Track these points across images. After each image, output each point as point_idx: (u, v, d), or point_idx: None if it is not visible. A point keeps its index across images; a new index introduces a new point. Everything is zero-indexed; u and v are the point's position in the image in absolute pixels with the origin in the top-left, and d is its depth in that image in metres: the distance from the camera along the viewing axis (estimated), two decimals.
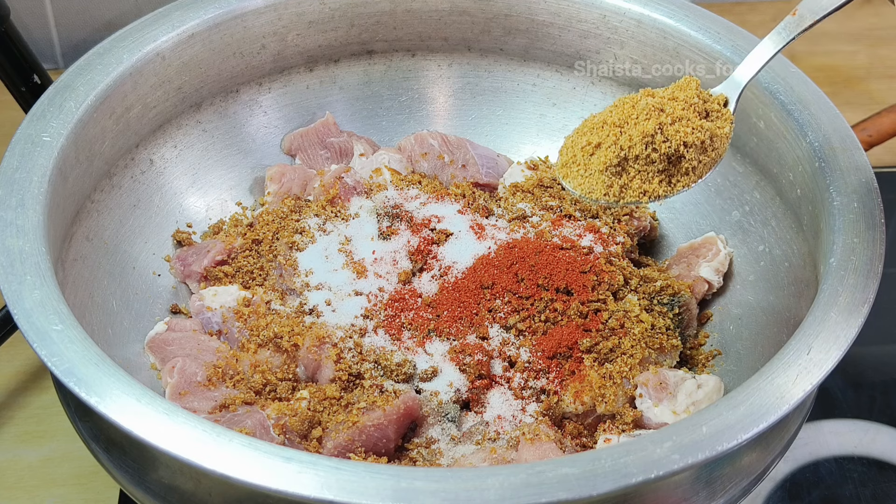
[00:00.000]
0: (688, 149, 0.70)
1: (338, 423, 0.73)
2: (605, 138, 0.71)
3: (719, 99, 0.72)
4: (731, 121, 0.72)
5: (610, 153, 0.70)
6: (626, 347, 0.79)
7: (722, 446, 0.60)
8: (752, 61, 0.73)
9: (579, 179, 0.72)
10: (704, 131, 0.70)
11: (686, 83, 0.73)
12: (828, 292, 0.69)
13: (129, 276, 0.84)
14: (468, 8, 0.97)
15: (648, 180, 0.70)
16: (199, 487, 0.65)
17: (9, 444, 0.87)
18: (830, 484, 0.87)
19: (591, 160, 0.71)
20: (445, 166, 0.96)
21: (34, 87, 0.96)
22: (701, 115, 0.71)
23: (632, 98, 0.73)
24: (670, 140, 0.69)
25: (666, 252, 0.93)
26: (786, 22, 0.71)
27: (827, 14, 0.70)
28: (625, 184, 0.70)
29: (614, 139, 0.70)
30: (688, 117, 0.70)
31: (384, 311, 0.83)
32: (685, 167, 0.70)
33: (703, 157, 0.70)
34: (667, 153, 0.69)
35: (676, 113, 0.70)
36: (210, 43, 0.90)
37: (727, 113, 0.72)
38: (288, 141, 0.97)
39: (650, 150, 0.70)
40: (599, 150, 0.71)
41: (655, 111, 0.70)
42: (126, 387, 0.61)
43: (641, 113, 0.71)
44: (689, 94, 0.72)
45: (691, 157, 0.70)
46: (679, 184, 0.70)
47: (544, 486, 0.57)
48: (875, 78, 1.27)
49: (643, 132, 0.69)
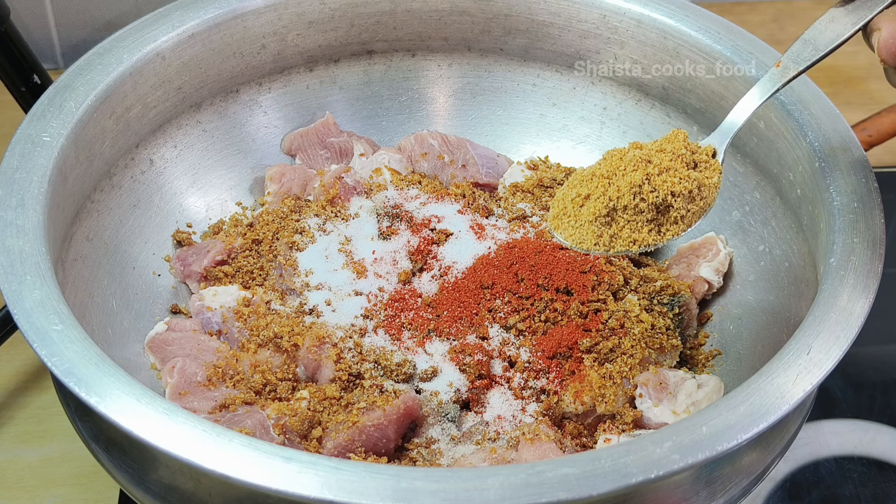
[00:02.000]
0: (675, 198, 0.71)
1: (338, 423, 0.73)
2: (594, 190, 0.72)
3: (707, 150, 0.74)
4: (719, 171, 0.73)
5: (599, 204, 0.72)
6: (626, 347, 0.79)
7: (722, 446, 0.60)
8: (738, 112, 0.75)
9: (570, 230, 0.73)
10: (692, 181, 0.71)
11: (674, 136, 0.74)
12: (828, 292, 0.69)
13: (129, 276, 0.84)
14: (468, 8, 0.97)
15: (638, 229, 0.71)
16: (199, 487, 0.65)
17: (9, 444, 0.87)
18: (830, 484, 0.87)
19: (580, 211, 0.73)
20: (445, 166, 0.96)
21: (34, 87, 0.96)
22: (689, 165, 0.73)
23: (620, 151, 0.74)
24: (658, 190, 0.70)
25: (666, 252, 0.93)
26: (770, 73, 0.73)
27: (810, 65, 0.72)
28: (614, 233, 0.72)
29: (603, 190, 0.72)
30: (675, 168, 0.72)
31: (384, 311, 0.83)
32: (674, 216, 0.72)
33: (692, 206, 0.72)
34: (655, 203, 0.71)
35: (664, 164, 0.71)
36: (210, 43, 0.90)
37: (715, 163, 0.74)
38: (288, 141, 0.97)
39: (638, 200, 0.71)
40: (589, 202, 0.72)
41: (643, 162, 0.72)
42: (126, 387, 0.61)
43: (629, 164, 0.72)
44: (676, 145, 0.73)
45: (679, 207, 0.71)
46: (668, 232, 0.72)
47: (544, 486, 0.57)
48: (875, 78, 1.27)
49: (631, 183, 0.71)
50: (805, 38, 0.72)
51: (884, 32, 0.66)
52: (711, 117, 0.91)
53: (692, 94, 0.91)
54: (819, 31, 0.71)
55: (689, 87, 0.91)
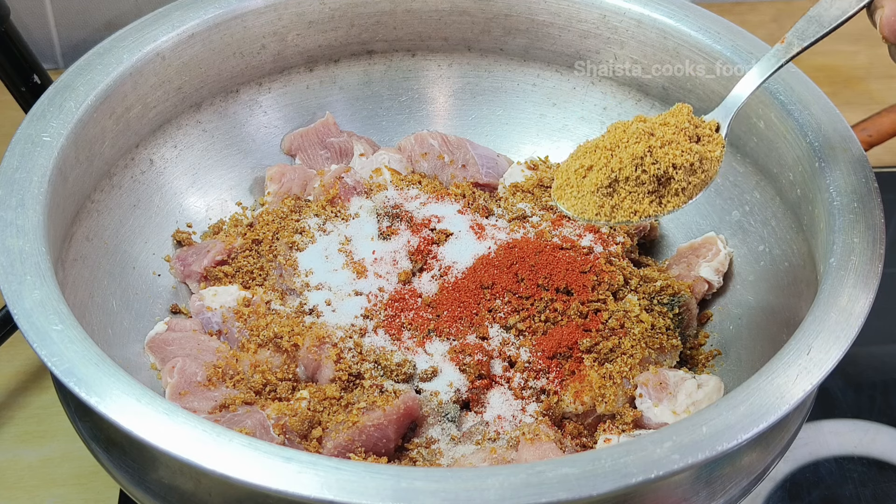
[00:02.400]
0: (677, 170, 0.71)
1: (338, 423, 0.73)
2: (596, 161, 0.73)
3: (711, 124, 0.74)
4: (722, 145, 0.74)
5: (601, 175, 0.72)
6: (626, 347, 0.79)
7: (722, 446, 0.60)
8: (742, 87, 0.75)
9: (572, 200, 0.74)
10: (693, 154, 0.72)
11: (678, 110, 0.75)
12: (828, 292, 0.69)
13: (129, 276, 0.84)
14: (468, 8, 0.97)
15: (639, 201, 0.72)
16: (199, 487, 0.65)
17: (9, 444, 0.87)
18: (830, 484, 0.87)
19: (583, 182, 0.73)
20: (445, 166, 0.96)
21: (34, 87, 0.96)
22: (692, 139, 0.73)
23: (624, 123, 0.75)
24: (659, 162, 0.71)
25: (666, 252, 0.93)
26: (775, 49, 0.73)
27: (815, 41, 0.72)
28: (616, 204, 0.72)
29: (605, 161, 0.72)
30: (678, 141, 0.72)
31: (384, 311, 0.83)
32: (675, 188, 0.72)
33: (693, 179, 0.72)
34: (656, 174, 0.71)
35: (667, 136, 0.72)
36: (210, 43, 0.90)
37: (718, 137, 0.74)
38: (288, 141, 0.97)
39: (640, 172, 0.71)
40: (591, 173, 0.73)
41: (646, 135, 0.72)
42: (126, 387, 0.61)
43: (632, 137, 0.72)
44: (680, 119, 0.74)
45: (680, 179, 0.72)
46: (669, 204, 0.72)
47: (544, 486, 0.57)
48: (875, 78, 1.27)
49: (633, 154, 0.71)
50: (810, 15, 0.72)
51: (886, 10, 0.66)
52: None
53: (692, 94, 0.91)
54: (824, 8, 0.71)
55: (689, 87, 0.91)
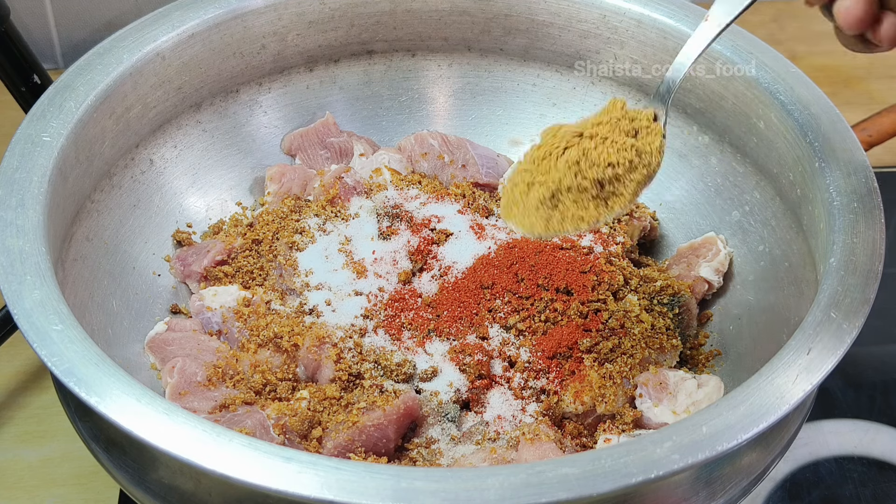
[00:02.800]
0: (616, 168, 0.70)
1: (338, 423, 0.73)
2: (535, 175, 0.72)
3: (647, 115, 0.73)
4: (661, 134, 0.72)
5: (542, 189, 0.71)
6: (626, 347, 0.79)
7: (722, 446, 0.60)
8: (674, 72, 0.73)
9: (520, 218, 0.73)
10: (630, 148, 0.70)
11: (612, 105, 0.73)
12: (828, 292, 0.69)
13: (129, 276, 0.84)
14: (468, 8, 0.97)
15: (584, 207, 0.71)
16: (199, 487, 0.65)
17: (9, 444, 0.87)
18: (830, 484, 0.87)
19: (527, 199, 0.72)
20: (445, 166, 0.96)
21: (34, 87, 0.96)
22: (629, 133, 0.71)
23: (555, 128, 0.73)
24: (595, 164, 0.70)
25: (666, 252, 0.93)
26: (701, 27, 0.72)
27: (739, 14, 0.71)
28: (562, 214, 0.71)
29: (544, 174, 0.71)
30: (613, 138, 0.71)
31: (384, 311, 0.83)
32: (618, 188, 0.71)
33: (634, 175, 0.71)
34: (596, 178, 0.70)
35: (601, 135, 0.71)
36: (210, 43, 0.90)
37: (656, 127, 0.72)
38: (288, 141, 0.97)
39: (580, 179, 0.70)
40: (532, 188, 0.72)
41: (577, 137, 0.71)
42: (126, 387, 0.61)
43: (563, 142, 0.71)
44: (614, 115, 0.72)
45: (622, 177, 0.70)
46: (616, 204, 0.71)
47: (544, 486, 0.57)
48: (875, 78, 1.27)
49: (567, 161, 0.70)
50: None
51: (847, 1, 0.65)
52: (711, 117, 0.91)
53: (692, 94, 0.91)
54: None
55: (689, 87, 0.91)
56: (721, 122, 0.90)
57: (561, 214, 0.71)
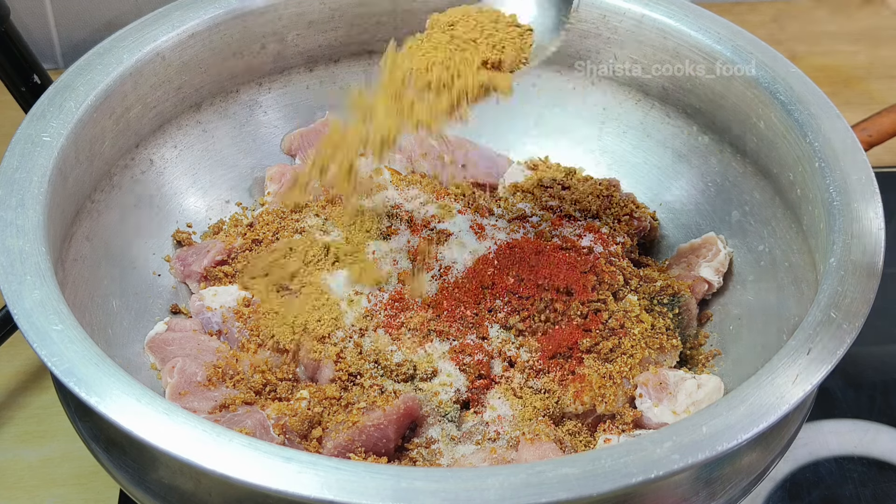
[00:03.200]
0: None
1: (338, 423, 0.73)
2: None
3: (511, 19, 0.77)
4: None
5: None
6: (626, 347, 0.79)
7: (722, 446, 0.60)
8: None
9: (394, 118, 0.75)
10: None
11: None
12: (828, 292, 0.69)
13: (129, 276, 0.84)
14: None
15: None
16: (199, 487, 0.65)
17: (9, 444, 0.87)
18: (830, 484, 0.87)
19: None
20: (445, 166, 0.96)
21: (34, 87, 0.96)
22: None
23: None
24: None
25: (666, 252, 0.93)
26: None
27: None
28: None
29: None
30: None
31: (384, 311, 0.83)
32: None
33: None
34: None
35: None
36: (210, 43, 0.90)
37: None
38: (288, 141, 0.97)
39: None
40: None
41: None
42: (126, 387, 0.61)
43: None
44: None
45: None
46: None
47: (544, 486, 0.57)
48: (875, 78, 1.27)
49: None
50: None
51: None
52: (711, 117, 0.91)
53: (692, 94, 0.91)
54: None
55: (689, 87, 0.91)
56: (721, 122, 0.90)
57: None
